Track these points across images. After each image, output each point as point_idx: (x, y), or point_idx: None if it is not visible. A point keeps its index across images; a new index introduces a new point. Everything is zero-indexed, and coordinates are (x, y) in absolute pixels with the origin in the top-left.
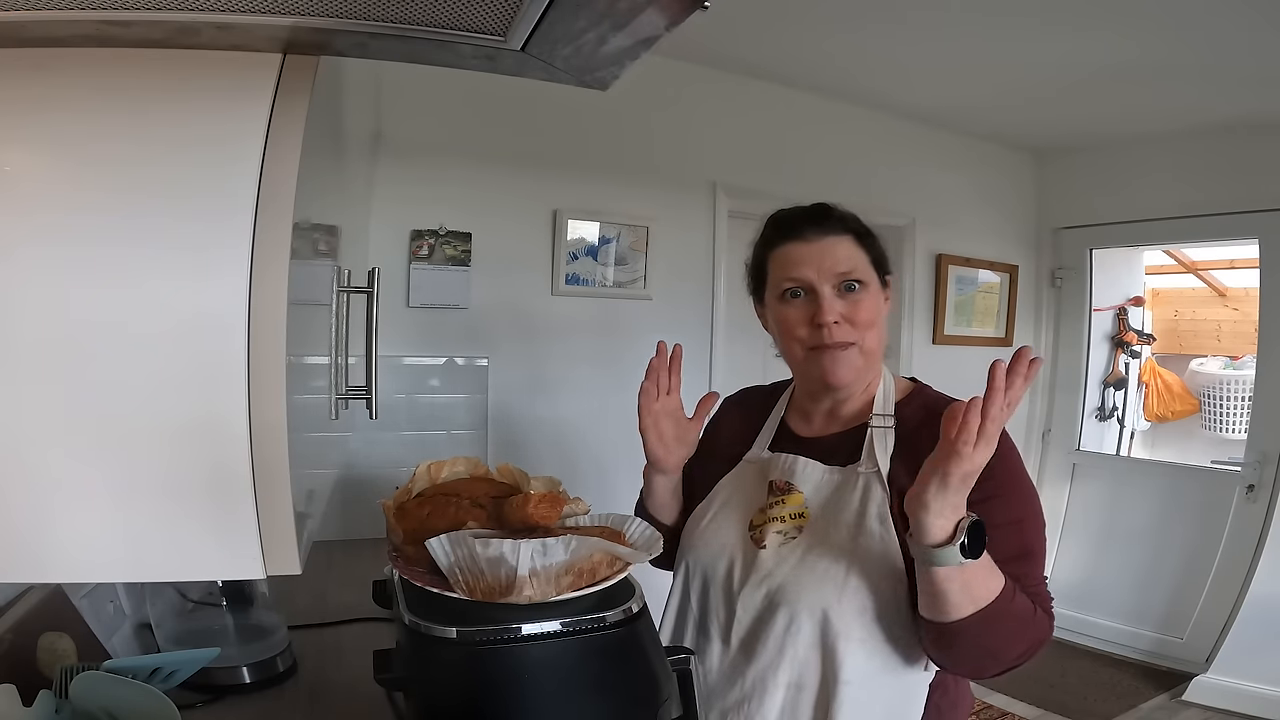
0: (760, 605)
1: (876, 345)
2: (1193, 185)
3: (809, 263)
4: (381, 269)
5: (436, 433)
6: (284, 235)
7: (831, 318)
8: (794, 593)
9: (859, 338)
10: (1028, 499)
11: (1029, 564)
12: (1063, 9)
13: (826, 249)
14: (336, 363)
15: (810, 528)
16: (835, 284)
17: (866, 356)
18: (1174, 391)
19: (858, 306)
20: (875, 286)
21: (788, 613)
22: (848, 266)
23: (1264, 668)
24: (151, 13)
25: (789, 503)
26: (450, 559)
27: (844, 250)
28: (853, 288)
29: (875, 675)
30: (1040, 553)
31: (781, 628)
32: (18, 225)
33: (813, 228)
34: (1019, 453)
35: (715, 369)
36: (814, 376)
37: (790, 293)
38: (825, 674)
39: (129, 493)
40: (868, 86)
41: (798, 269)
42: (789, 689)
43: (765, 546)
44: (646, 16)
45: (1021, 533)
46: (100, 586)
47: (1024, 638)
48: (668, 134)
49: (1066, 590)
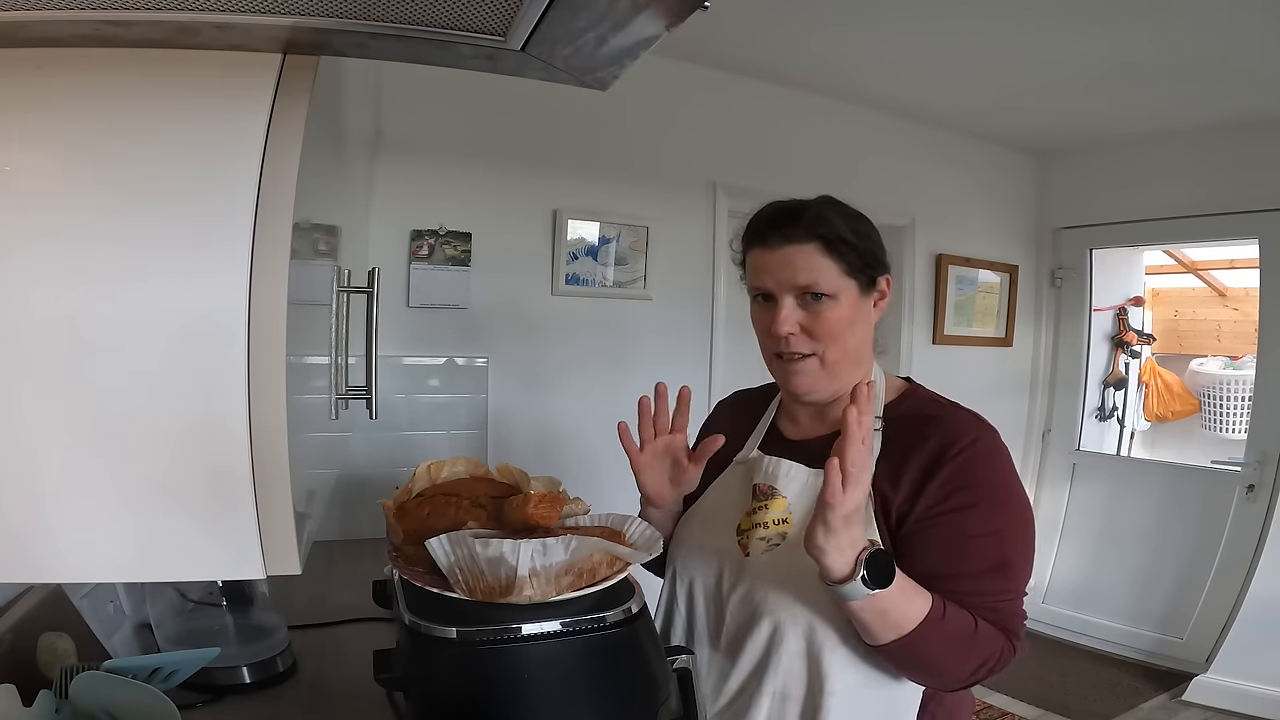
0: (745, 614)
1: (842, 356)
2: (1193, 185)
3: (769, 271)
4: (381, 269)
5: (436, 433)
6: (284, 235)
7: (786, 329)
8: (778, 603)
9: (818, 349)
10: (1012, 509)
11: (1003, 578)
12: (1063, 9)
13: (787, 258)
14: (336, 363)
15: (795, 534)
16: (796, 294)
17: (830, 367)
18: (1174, 391)
19: (818, 318)
20: (848, 295)
21: (771, 623)
22: (807, 279)
23: (1264, 668)
24: (151, 13)
25: (772, 508)
26: (450, 559)
27: (805, 260)
28: (818, 298)
29: (862, 686)
30: (1019, 565)
31: (765, 637)
32: (18, 225)
33: (775, 234)
34: (1011, 463)
35: (715, 369)
36: (779, 382)
37: (761, 297)
38: (811, 684)
39: (129, 492)
40: (868, 86)
41: (760, 276)
42: (774, 698)
43: (749, 554)
44: (646, 16)
45: (1001, 544)
46: (100, 586)
47: (968, 656)
48: (668, 134)
49: (1066, 590)
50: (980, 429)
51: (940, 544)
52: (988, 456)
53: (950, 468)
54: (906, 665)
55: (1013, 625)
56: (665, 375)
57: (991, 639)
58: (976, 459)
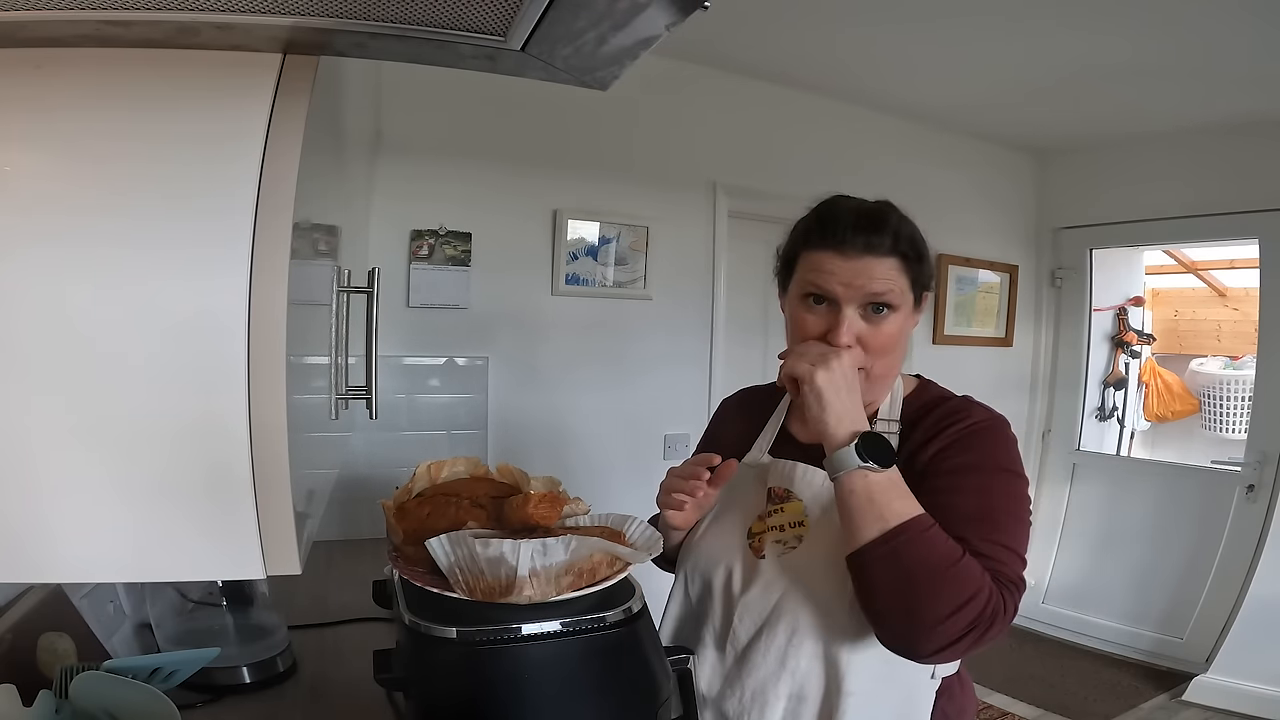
0: (760, 617)
1: (887, 371)
2: (1193, 185)
3: (838, 275)
4: (381, 269)
5: (436, 433)
6: (284, 235)
7: (847, 340)
8: (794, 605)
9: (869, 363)
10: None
11: (986, 526)
12: (1063, 9)
13: (866, 268)
14: (336, 363)
15: (810, 537)
16: (862, 304)
17: (873, 381)
18: (1174, 391)
19: (878, 331)
20: (907, 309)
21: (789, 626)
22: (883, 288)
23: (1264, 668)
24: (151, 13)
25: (788, 511)
26: (450, 559)
27: (884, 272)
28: (880, 310)
29: (879, 686)
30: (1005, 524)
31: (783, 640)
32: (17, 225)
33: (858, 242)
34: (1016, 446)
35: (715, 369)
36: None
37: (814, 299)
38: (828, 686)
39: (129, 492)
40: (868, 86)
41: (827, 280)
42: (790, 700)
43: (764, 556)
44: (646, 16)
45: (986, 496)
46: (100, 586)
47: (950, 584)
48: (667, 134)
49: (1066, 590)
50: (992, 414)
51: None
52: (993, 433)
53: (955, 433)
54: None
55: (1003, 573)
56: (665, 375)
57: (977, 575)
58: (981, 431)
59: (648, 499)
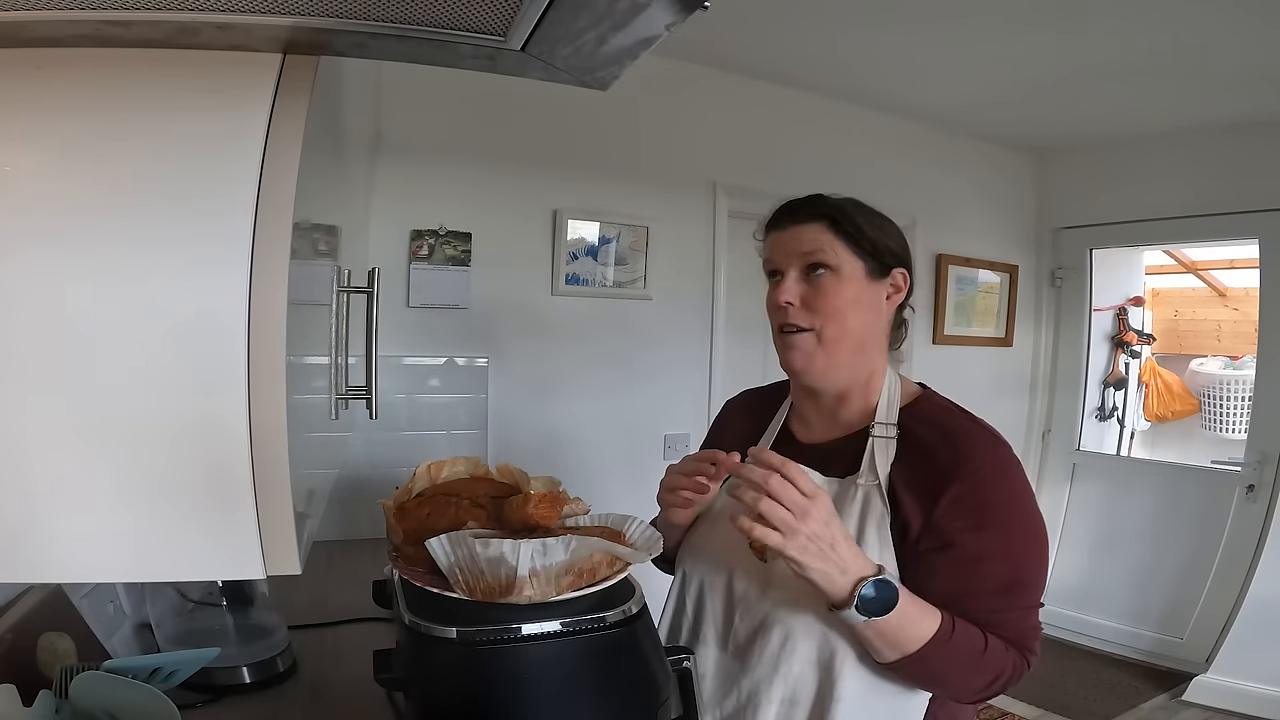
0: (756, 620)
1: (840, 334)
2: (1193, 185)
3: (780, 248)
4: (381, 269)
5: (436, 433)
6: (284, 235)
7: (785, 298)
8: (790, 610)
9: (816, 324)
10: (1028, 529)
11: (1016, 596)
12: (1063, 9)
13: (794, 235)
14: (336, 363)
15: None
16: (800, 267)
17: (826, 345)
18: (1174, 391)
19: (818, 290)
20: (853, 273)
21: (783, 630)
22: (811, 248)
23: (1264, 668)
24: (151, 13)
25: None
26: (450, 559)
27: (811, 235)
28: (817, 270)
29: (871, 692)
30: (1033, 583)
31: (777, 644)
32: (17, 225)
33: (788, 217)
34: (1024, 478)
35: (715, 369)
36: (780, 361)
37: (770, 275)
38: (821, 691)
39: (129, 493)
40: (868, 86)
41: (773, 255)
42: (783, 704)
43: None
44: (646, 16)
45: (1013, 564)
46: (100, 586)
47: (977, 674)
48: (668, 134)
49: (1066, 590)
50: (995, 446)
51: (950, 565)
52: (1001, 475)
53: (962, 486)
54: (913, 681)
55: (1026, 640)
56: (665, 375)
57: (1001, 656)
58: (989, 478)
59: (648, 499)
